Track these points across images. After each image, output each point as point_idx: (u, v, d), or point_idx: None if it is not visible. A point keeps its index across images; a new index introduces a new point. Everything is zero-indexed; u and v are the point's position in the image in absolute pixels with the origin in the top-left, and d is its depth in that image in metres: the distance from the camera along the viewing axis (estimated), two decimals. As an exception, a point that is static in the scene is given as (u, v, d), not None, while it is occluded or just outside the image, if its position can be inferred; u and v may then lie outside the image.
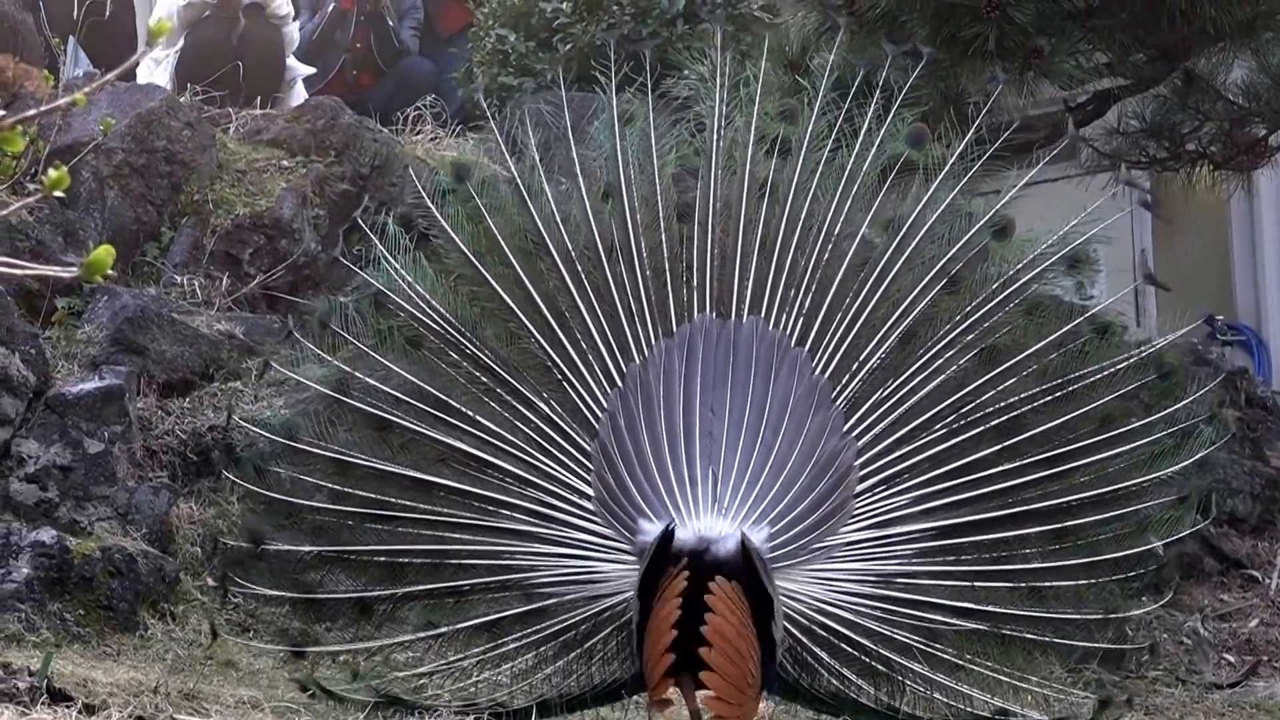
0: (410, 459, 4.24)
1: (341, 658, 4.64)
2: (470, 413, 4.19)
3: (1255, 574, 7.47)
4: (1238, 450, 7.89)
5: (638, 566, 3.87)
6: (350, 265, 4.56)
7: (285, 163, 7.50)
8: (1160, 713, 6.14)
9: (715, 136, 4.36)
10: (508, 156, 4.43)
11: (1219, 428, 4.49)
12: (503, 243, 4.31)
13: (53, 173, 1.99)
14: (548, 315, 4.23)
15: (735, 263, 4.23)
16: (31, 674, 4.30)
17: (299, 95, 9.18)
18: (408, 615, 4.29)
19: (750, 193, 4.30)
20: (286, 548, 4.30)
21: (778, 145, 4.37)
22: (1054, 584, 4.19)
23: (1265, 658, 6.78)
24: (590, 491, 4.04)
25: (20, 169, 6.08)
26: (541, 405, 4.15)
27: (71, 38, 8.91)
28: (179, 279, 6.87)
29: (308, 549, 4.29)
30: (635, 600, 3.79)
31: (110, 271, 1.90)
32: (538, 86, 8.98)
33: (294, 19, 9.57)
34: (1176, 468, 4.29)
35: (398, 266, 4.34)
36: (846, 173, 4.29)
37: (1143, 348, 4.38)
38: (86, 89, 2.06)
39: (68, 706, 4.18)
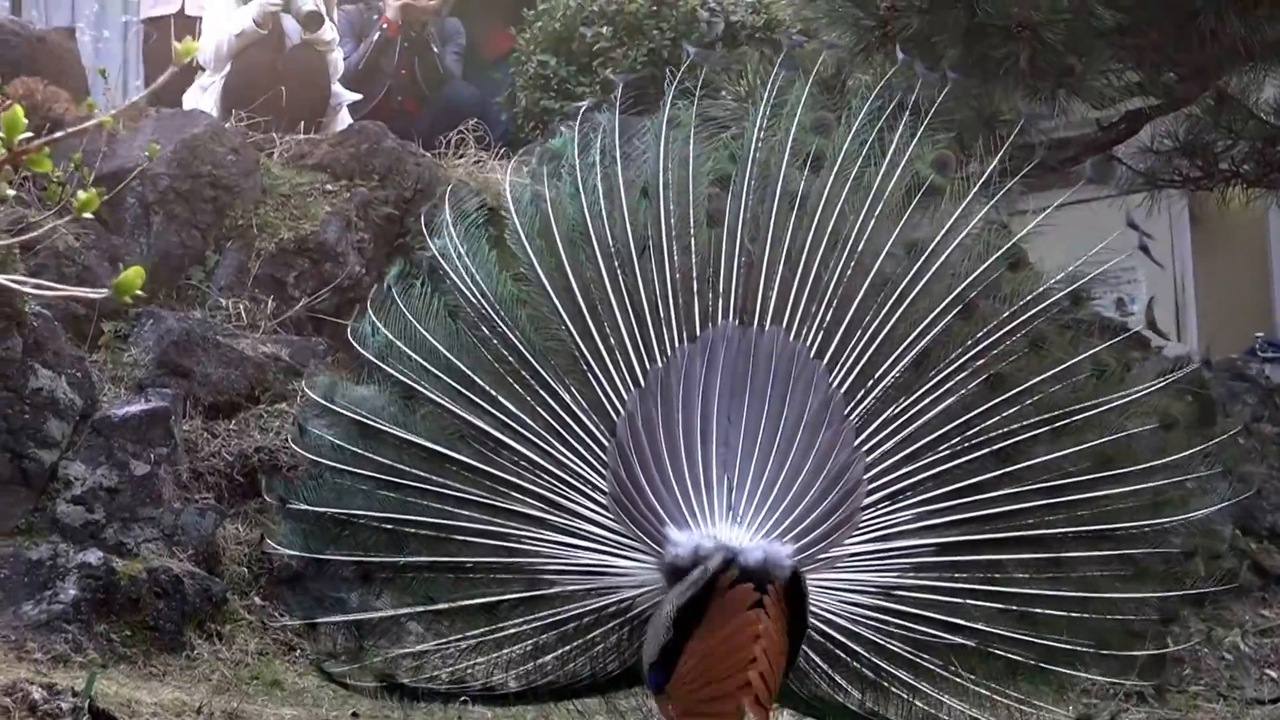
0: (428, 430, 4.26)
1: (343, 636, 4.66)
2: (493, 391, 4.21)
3: (1296, 589, 7.47)
4: (1277, 465, 7.89)
5: (658, 569, 3.90)
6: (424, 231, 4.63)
7: (329, 187, 7.55)
8: (1201, 728, 6.15)
9: (752, 145, 4.42)
10: (574, 147, 4.44)
11: (1234, 487, 4.48)
12: (554, 227, 4.35)
13: (82, 194, 2.03)
14: (582, 306, 4.25)
15: (761, 272, 4.27)
16: (75, 694, 4.34)
17: (343, 120, 9.24)
18: (408, 588, 4.32)
19: (781, 204, 4.35)
20: (304, 507, 4.33)
21: (809, 159, 4.42)
22: (1044, 611, 4.21)
23: (1307, 674, 6.78)
24: (605, 487, 4.06)
25: (68, 194, 6.14)
26: (564, 395, 4.17)
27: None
28: (224, 302, 6.91)
29: (324, 510, 4.31)
30: (671, 615, 3.81)
31: (140, 292, 1.93)
32: (579, 110, 9.02)
33: (339, 45, 9.64)
34: (1179, 519, 4.30)
35: (454, 234, 4.39)
36: (873, 191, 4.34)
37: (1140, 391, 4.40)
38: (113, 111, 2.10)
39: (111, 726, 4.25)
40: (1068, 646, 4.23)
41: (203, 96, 9.04)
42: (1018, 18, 4.85)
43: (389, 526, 4.25)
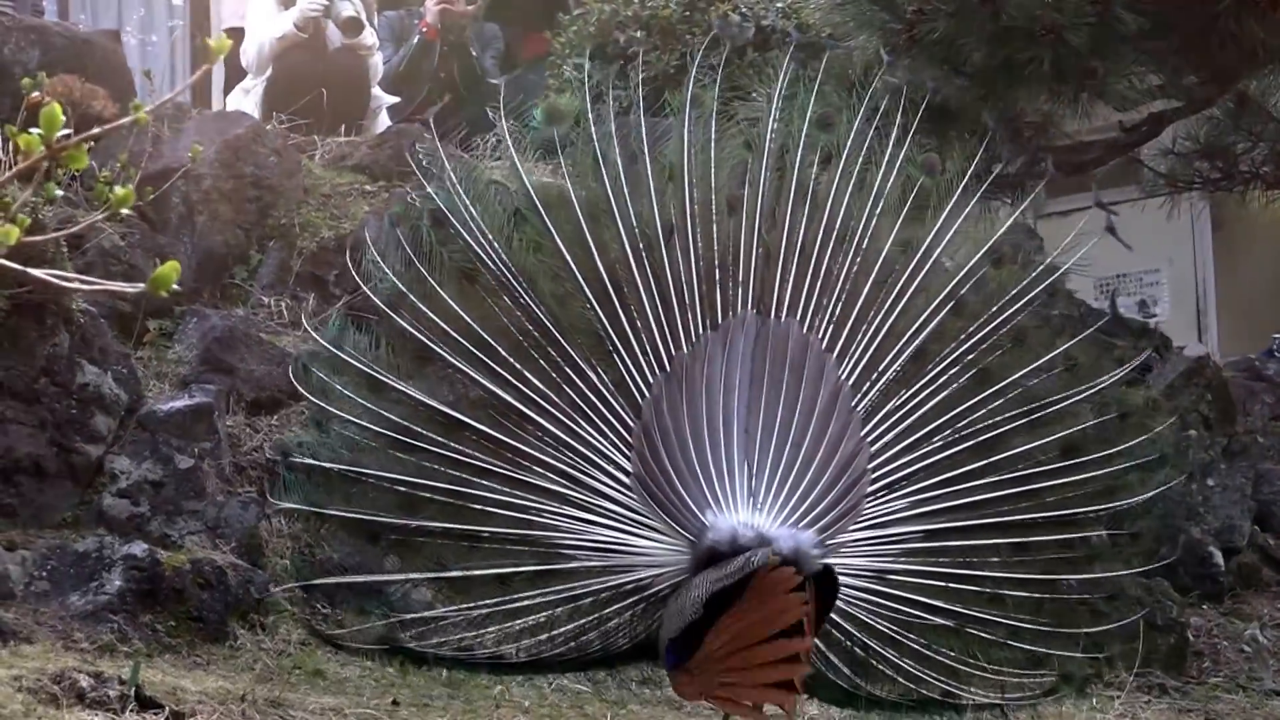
0: (446, 396, 4.30)
1: (346, 600, 4.69)
2: (517, 365, 4.26)
3: (1313, 584, 7.53)
4: (1294, 463, 7.96)
5: (689, 554, 4.03)
6: (416, 170, 4.61)
7: (368, 187, 7.65)
8: (1221, 719, 6.19)
9: (768, 134, 4.51)
10: (591, 114, 4.48)
11: (1175, 468, 4.77)
12: (574, 199, 4.38)
13: (119, 190, 2.10)
14: (608, 285, 4.31)
15: (779, 263, 4.38)
16: (122, 682, 4.40)
17: (383, 123, 9.35)
18: (420, 553, 4.35)
19: (797, 195, 4.45)
20: (309, 461, 4.35)
21: (818, 153, 4.52)
22: (1013, 593, 4.42)
23: (1325, 667, 6.84)
24: (629, 467, 4.16)
25: (113, 194, 6.23)
26: (590, 373, 4.24)
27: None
28: (266, 300, 6.99)
29: (329, 465, 4.33)
30: (703, 597, 3.90)
31: (178, 288, 2.00)
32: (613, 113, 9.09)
33: (379, 50, 9.74)
34: (1129, 502, 4.55)
35: (460, 189, 4.38)
36: (875, 188, 4.47)
37: (1103, 381, 4.57)
38: (147, 109, 2.18)
39: (156, 713, 4.29)
40: (1031, 625, 4.44)
41: (245, 99, 9.16)
42: (1043, 21, 4.91)
43: (403, 489, 4.29)
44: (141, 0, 12.13)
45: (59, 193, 5.53)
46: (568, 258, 4.33)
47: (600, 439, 4.21)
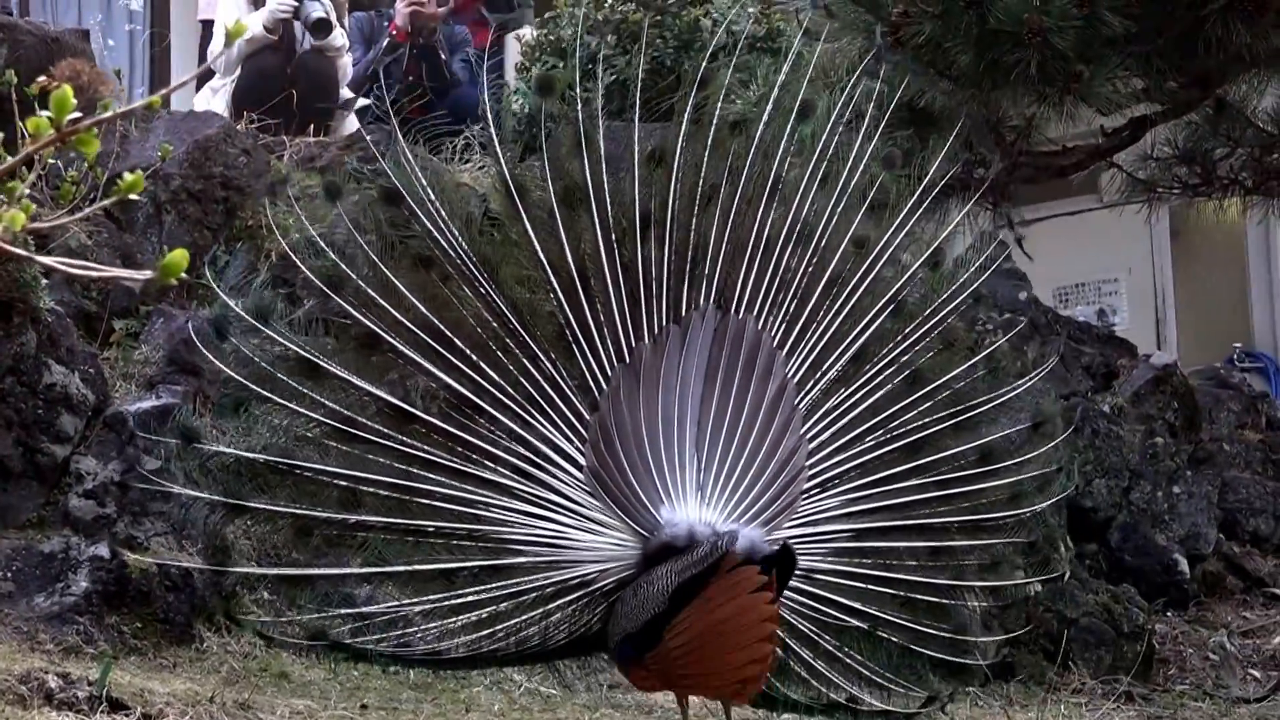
0: (394, 386, 4.17)
1: (273, 591, 4.56)
2: (473, 355, 4.17)
3: (1277, 592, 7.56)
4: (1260, 472, 8.00)
5: (639, 549, 4.06)
6: (369, 142, 4.45)
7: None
8: (1188, 726, 6.21)
9: (752, 132, 4.51)
10: (580, 91, 4.36)
11: (1069, 479, 4.85)
12: (550, 184, 4.28)
13: (128, 175, 2.05)
14: (575, 277, 4.24)
15: (745, 256, 4.39)
16: (91, 683, 4.37)
17: (351, 125, 9.30)
18: (353, 548, 4.18)
19: (771, 190, 4.43)
20: (226, 450, 4.15)
21: (787, 149, 4.52)
22: (923, 597, 4.47)
23: (1290, 674, 6.86)
24: (582, 461, 4.13)
25: (80, 194, 6.18)
26: (548, 366, 4.19)
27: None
28: (234, 301, 6.94)
29: (252, 455, 4.12)
30: (668, 590, 3.89)
31: (184, 278, 1.95)
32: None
33: (348, 51, 9.70)
34: (1032, 510, 4.61)
35: (417, 167, 4.25)
36: (838, 187, 4.47)
37: (1020, 385, 4.64)
38: (138, 103, 2.13)
39: (126, 715, 4.27)
40: (933, 631, 4.49)
41: (213, 99, 9.11)
42: (1029, 23, 4.91)
43: (342, 483, 4.12)
44: (100, 5, 12.09)
45: (26, 191, 5.45)
46: (537, 246, 4.26)
47: (555, 432, 4.17)
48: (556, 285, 4.23)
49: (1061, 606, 6.70)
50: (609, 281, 4.26)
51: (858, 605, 4.36)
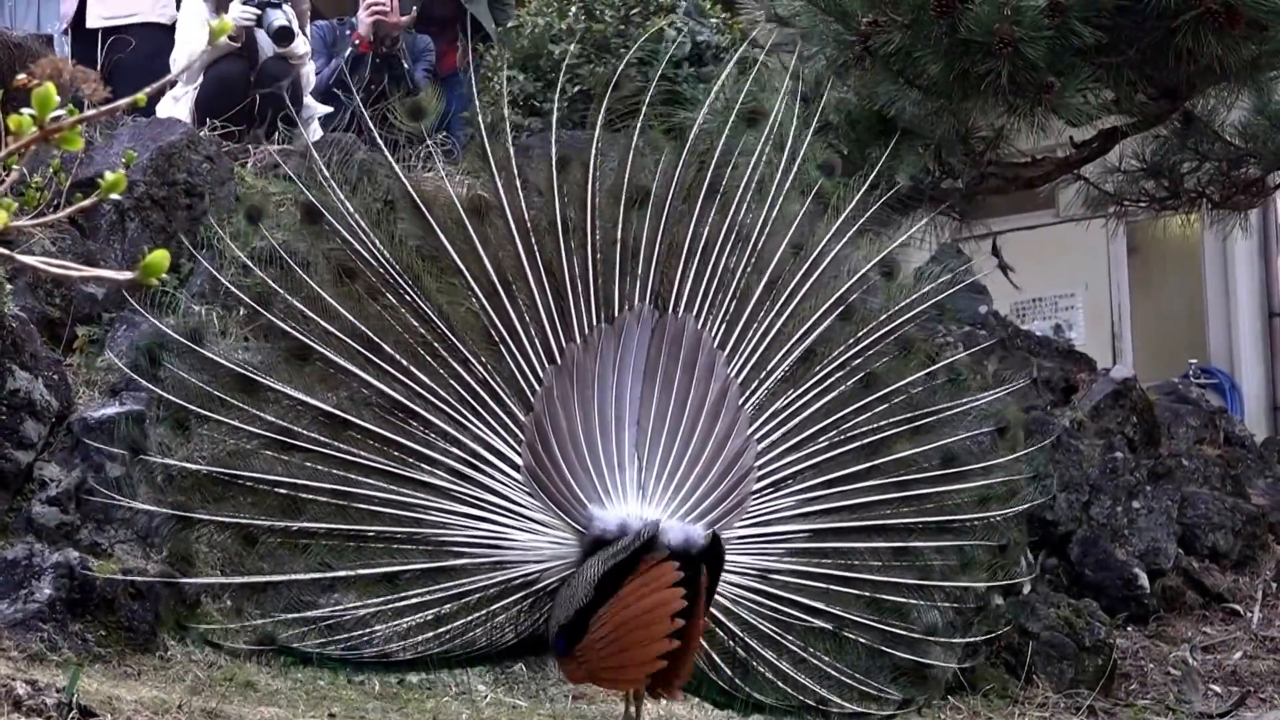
0: (328, 394, 4.25)
1: (224, 599, 4.58)
2: (403, 360, 4.23)
3: (1237, 608, 7.60)
4: (1219, 487, 8.04)
5: (577, 546, 4.10)
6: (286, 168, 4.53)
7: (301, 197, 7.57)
8: (1151, 741, 6.24)
9: (693, 128, 4.54)
10: (480, 107, 4.49)
11: (1043, 487, 4.96)
12: (454, 197, 4.37)
13: (110, 175, 2.04)
14: (495, 280, 4.30)
15: (681, 257, 4.43)
16: (59, 690, 4.36)
17: (315, 133, 9.28)
18: (297, 554, 4.26)
19: (709, 189, 4.47)
20: (171, 462, 4.25)
21: (730, 152, 4.55)
22: (889, 598, 4.51)
23: (1252, 689, 6.88)
24: (518, 461, 4.17)
25: (44, 200, 6.16)
26: (478, 368, 4.24)
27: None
28: (197, 309, 6.91)
29: (195, 467, 4.24)
30: (594, 579, 3.94)
31: (162, 278, 1.94)
32: (544, 126, 9.08)
33: (311, 59, 9.68)
34: (1002, 514, 4.67)
35: (334, 184, 4.38)
36: (773, 190, 4.51)
37: (982, 398, 4.70)
38: (122, 101, 2.12)
39: (94, 722, 4.27)
40: (902, 632, 4.52)
41: (175, 106, 9.07)
42: (1000, 33, 4.93)
43: (282, 491, 4.21)
44: (58, 12, 12.02)
45: (4, 190, 5.43)
46: (452, 253, 4.30)
47: (490, 434, 4.21)
48: (476, 289, 4.29)
49: (1024, 620, 6.72)
50: (531, 284, 4.31)
51: (820, 605, 4.39)
